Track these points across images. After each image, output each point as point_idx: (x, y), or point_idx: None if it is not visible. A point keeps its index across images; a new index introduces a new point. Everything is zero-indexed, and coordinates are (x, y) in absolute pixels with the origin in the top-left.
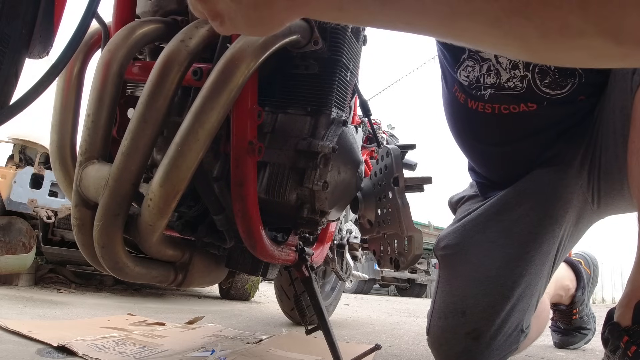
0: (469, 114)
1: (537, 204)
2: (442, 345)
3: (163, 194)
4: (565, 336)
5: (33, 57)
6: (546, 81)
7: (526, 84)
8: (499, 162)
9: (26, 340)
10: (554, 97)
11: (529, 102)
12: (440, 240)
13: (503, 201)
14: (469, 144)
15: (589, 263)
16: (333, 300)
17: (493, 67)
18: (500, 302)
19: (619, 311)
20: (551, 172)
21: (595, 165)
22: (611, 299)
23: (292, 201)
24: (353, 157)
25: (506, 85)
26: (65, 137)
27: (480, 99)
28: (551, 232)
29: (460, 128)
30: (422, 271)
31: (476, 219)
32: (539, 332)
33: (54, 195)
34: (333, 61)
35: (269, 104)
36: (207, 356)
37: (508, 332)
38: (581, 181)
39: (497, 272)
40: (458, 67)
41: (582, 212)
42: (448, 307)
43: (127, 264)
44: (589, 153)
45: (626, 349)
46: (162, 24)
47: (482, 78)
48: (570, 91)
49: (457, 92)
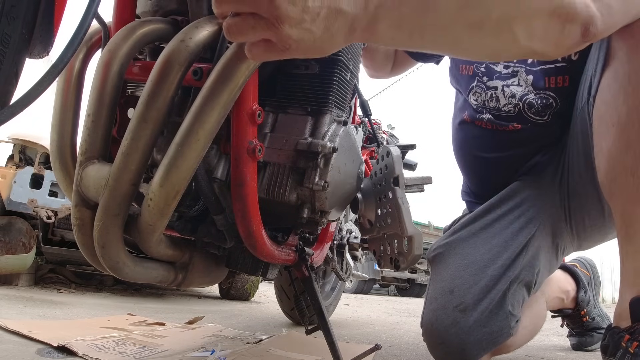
0: (473, 129)
1: (516, 206)
2: (433, 324)
3: (163, 194)
4: (582, 337)
5: (33, 57)
6: (532, 110)
7: (517, 110)
8: (489, 170)
9: (26, 340)
10: (536, 121)
11: (516, 123)
12: (431, 249)
13: (487, 205)
14: (467, 156)
15: (585, 265)
16: (333, 300)
17: (494, 95)
18: (482, 277)
19: (616, 318)
20: (528, 180)
21: (564, 184)
22: (611, 299)
23: (292, 201)
24: (353, 157)
25: (503, 109)
26: (65, 137)
27: (482, 121)
28: (525, 227)
29: (463, 141)
30: (422, 271)
31: (464, 223)
32: (535, 326)
33: (54, 195)
34: (333, 61)
35: (269, 104)
36: (207, 356)
37: (492, 308)
38: (555, 195)
39: (480, 257)
40: (469, 92)
41: (556, 226)
42: (437, 291)
43: (127, 264)
44: (558, 172)
45: (627, 346)
46: (162, 24)
47: (487, 102)
48: (549, 119)
49: (466, 116)
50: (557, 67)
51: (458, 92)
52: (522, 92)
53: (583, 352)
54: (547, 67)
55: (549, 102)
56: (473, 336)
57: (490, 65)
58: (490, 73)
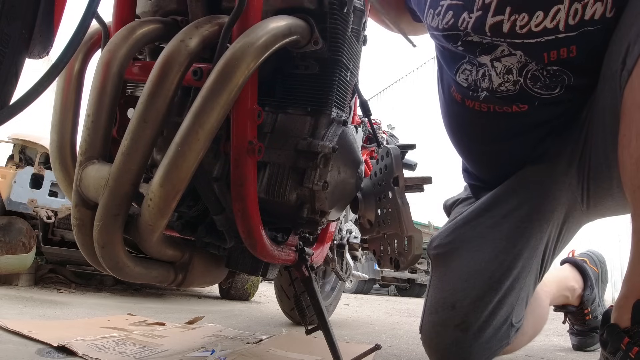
0: (465, 112)
1: (525, 200)
2: (433, 339)
3: (163, 194)
4: (582, 338)
5: (33, 57)
6: (537, 85)
7: (519, 87)
8: (492, 160)
9: (26, 340)
10: (545, 96)
11: (520, 104)
12: (433, 241)
13: (493, 198)
14: (464, 144)
15: (595, 261)
16: (333, 300)
17: (487, 72)
18: (488, 294)
19: (617, 312)
20: (539, 169)
21: (584, 164)
22: (611, 298)
23: (292, 201)
24: (353, 157)
25: (499, 90)
26: (65, 137)
27: (476, 99)
28: (538, 227)
29: (455, 127)
30: (422, 271)
31: (467, 217)
32: (535, 331)
33: (54, 195)
34: (333, 61)
35: (269, 104)
36: (207, 356)
37: (497, 325)
38: (570, 179)
39: (485, 265)
40: (456, 71)
41: (570, 211)
42: (438, 302)
43: (127, 264)
44: (577, 152)
45: (627, 350)
46: (162, 24)
47: (479, 82)
48: (560, 93)
49: (455, 92)
50: (558, 38)
51: (443, 71)
52: (517, 63)
53: (583, 352)
54: (543, 39)
55: (558, 74)
56: (474, 355)
57: (467, 40)
58: (472, 48)
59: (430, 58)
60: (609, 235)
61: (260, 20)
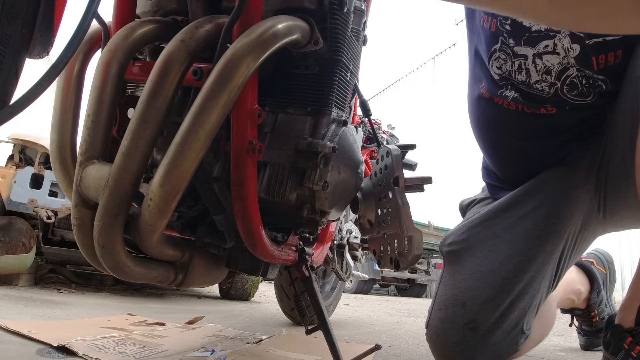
0: (493, 108)
1: (544, 203)
2: (440, 336)
3: (163, 194)
4: (590, 338)
5: (33, 57)
6: (573, 92)
7: (553, 91)
8: (514, 158)
9: (26, 340)
10: (577, 102)
11: (549, 106)
12: (447, 238)
13: (511, 199)
14: (489, 139)
15: (602, 262)
16: (333, 300)
17: (524, 66)
18: (500, 296)
19: (621, 314)
20: (560, 172)
21: (603, 171)
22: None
23: (292, 201)
24: (353, 157)
25: (535, 87)
26: (65, 137)
27: (504, 99)
28: (555, 232)
29: (482, 121)
30: (422, 271)
31: (483, 216)
32: (542, 336)
33: (54, 195)
34: (333, 61)
35: (269, 104)
36: (207, 356)
37: (507, 329)
38: (588, 186)
39: (499, 265)
40: (490, 57)
41: (587, 219)
42: (449, 299)
43: (127, 264)
44: (597, 158)
45: (630, 349)
46: (162, 24)
47: (514, 74)
48: (593, 100)
49: (483, 90)
50: (607, 40)
51: (474, 53)
52: (559, 65)
53: (583, 352)
54: (600, 40)
55: (597, 83)
56: (479, 357)
57: (518, 21)
58: (519, 33)
59: (430, 58)
60: (608, 235)
61: (260, 20)
